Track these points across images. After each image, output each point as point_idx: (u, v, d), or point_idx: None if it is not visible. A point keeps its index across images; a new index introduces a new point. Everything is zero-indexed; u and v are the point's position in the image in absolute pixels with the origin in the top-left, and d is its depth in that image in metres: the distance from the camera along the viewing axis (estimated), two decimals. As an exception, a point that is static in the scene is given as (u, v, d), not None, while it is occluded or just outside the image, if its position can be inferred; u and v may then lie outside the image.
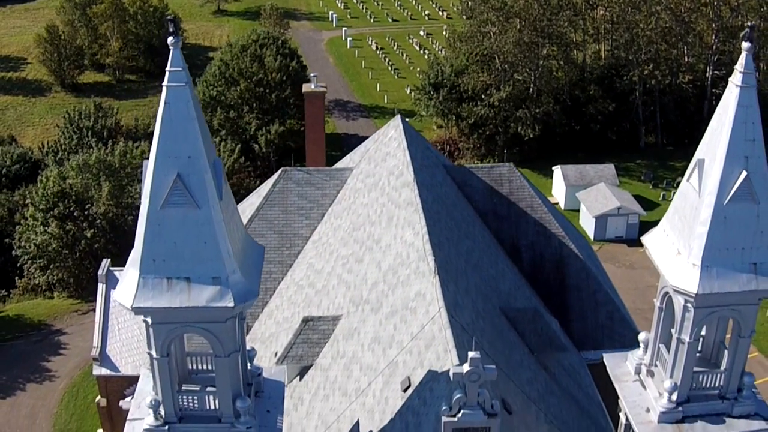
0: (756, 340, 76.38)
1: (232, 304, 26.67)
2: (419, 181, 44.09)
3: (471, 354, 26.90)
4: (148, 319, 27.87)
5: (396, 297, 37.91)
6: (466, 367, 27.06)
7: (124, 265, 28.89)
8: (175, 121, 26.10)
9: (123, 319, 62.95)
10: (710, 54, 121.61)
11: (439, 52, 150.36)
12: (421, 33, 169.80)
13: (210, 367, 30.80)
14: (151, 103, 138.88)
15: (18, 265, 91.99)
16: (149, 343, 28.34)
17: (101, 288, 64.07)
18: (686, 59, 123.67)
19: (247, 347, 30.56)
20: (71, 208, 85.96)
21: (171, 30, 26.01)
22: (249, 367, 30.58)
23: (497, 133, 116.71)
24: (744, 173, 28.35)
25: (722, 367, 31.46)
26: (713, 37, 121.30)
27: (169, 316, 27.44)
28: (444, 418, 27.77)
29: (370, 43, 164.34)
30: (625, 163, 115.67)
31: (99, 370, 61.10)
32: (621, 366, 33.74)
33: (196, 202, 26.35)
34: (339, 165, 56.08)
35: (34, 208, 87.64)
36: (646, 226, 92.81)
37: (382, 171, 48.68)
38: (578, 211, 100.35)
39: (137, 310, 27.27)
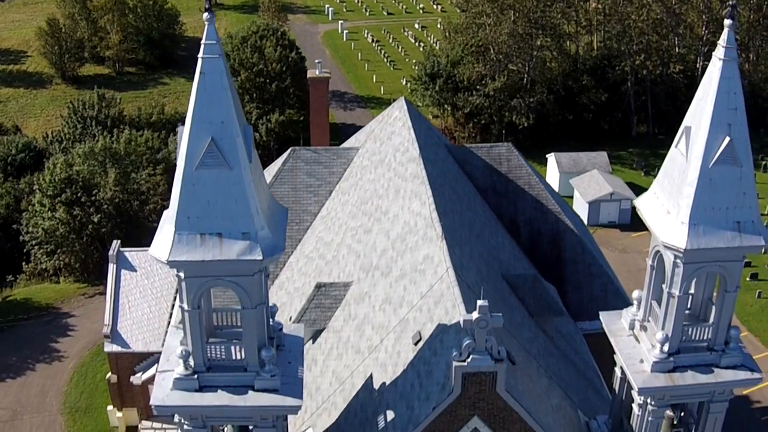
0: (746, 320, 78.94)
1: (260, 257, 29.08)
2: (424, 157, 46.50)
3: (480, 302, 29.32)
4: (181, 274, 30.08)
5: (405, 261, 40.30)
6: (475, 315, 29.45)
7: (130, 249, 30.82)
8: (210, 90, 28.45)
9: (133, 298, 65.18)
10: (700, 45, 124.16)
11: (434, 45, 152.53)
12: (416, 26, 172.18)
13: (234, 323, 33.22)
14: (151, 95, 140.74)
15: (24, 251, 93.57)
16: (181, 296, 30.59)
17: (112, 268, 66.31)
18: (677, 50, 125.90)
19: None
20: (78, 194, 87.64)
21: (206, 7, 28.22)
22: (271, 323, 32.90)
23: (492, 122, 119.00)
24: (727, 139, 30.87)
25: (710, 321, 33.94)
26: (703, 29, 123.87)
27: (201, 269, 29.74)
28: (455, 363, 30.09)
29: (365, 35, 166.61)
30: (617, 151, 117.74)
31: (110, 347, 63.43)
32: (616, 322, 36.22)
33: (228, 163, 28.77)
34: (345, 145, 58.48)
35: (41, 194, 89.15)
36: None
37: (387, 149, 51.07)
38: (572, 197, 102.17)
39: (172, 264, 29.48)
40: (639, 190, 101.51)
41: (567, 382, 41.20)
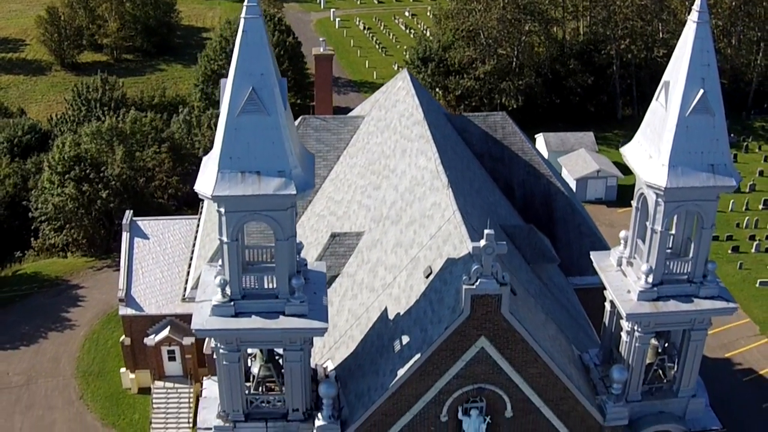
0: (728, 290, 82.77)
1: (294, 192, 33.15)
2: (428, 120, 50.37)
3: (486, 231, 33.35)
4: (222, 209, 34.09)
5: (414, 210, 44.21)
6: (482, 242, 33.50)
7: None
8: (251, 46, 32.56)
9: (146, 264, 68.69)
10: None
11: (425, 32, 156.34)
12: (407, 14, 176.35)
13: (264, 259, 37.17)
14: (149, 81, 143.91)
15: (32, 227, 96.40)
16: (221, 231, 34.57)
17: (125, 236, 69.83)
18: (661, 35, 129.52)
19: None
20: (87, 171, 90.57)
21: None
22: (297, 258, 36.82)
23: (482, 104, 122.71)
24: (701, 91, 35.26)
25: (689, 256, 38.09)
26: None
27: (241, 204, 33.77)
28: (464, 287, 34.09)
29: (357, 23, 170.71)
30: (603, 133, 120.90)
31: (124, 311, 66.80)
32: (606, 260, 40.43)
33: (267, 110, 32.85)
34: (352, 114, 62.28)
35: (50, 171, 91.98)
36: (624, 188, 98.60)
37: (392, 115, 54.97)
38: (560, 175, 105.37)
39: (216, 198, 33.49)
40: (625, 168, 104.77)
41: (561, 322, 45.10)
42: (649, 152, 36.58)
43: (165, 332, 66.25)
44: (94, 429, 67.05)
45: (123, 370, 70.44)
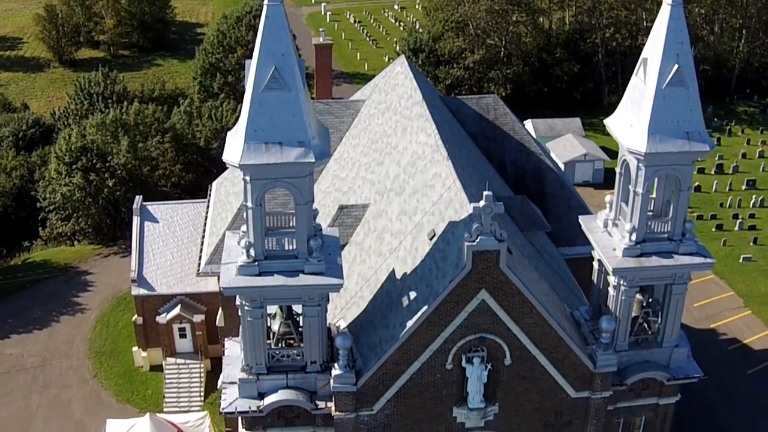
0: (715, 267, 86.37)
1: (313, 160, 37.03)
2: (427, 101, 54.07)
3: (485, 192, 37.14)
4: (247, 177, 37.90)
5: (416, 181, 47.96)
6: (482, 203, 37.29)
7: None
8: (273, 29, 36.32)
9: (156, 247, 71.80)
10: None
11: (414, 24, 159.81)
12: (396, 7, 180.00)
13: (282, 225, 40.87)
14: (146, 75, 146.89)
15: (39, 218, 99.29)
16: (246, 197, 38.42)
17: (136, 219, 72.93)
18: (645, 23, 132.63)
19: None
20: (93, 161, 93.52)
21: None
22: (314, 224, 40.53)
23: (472, 93, 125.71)
24: (676, 66, 39.21)
25: (669, 216, 41.94)
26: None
27: (264, 172, 37.59)
28: (466, 244, 37.86)
29: (347, 17, 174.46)
30: (589, 119, 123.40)
31: (137, 291, 69.75)
32: (593, 223, 44.27)
33: (288, 86, 36.74)
34: (353, 98, 65.84)
35: (58, 161, 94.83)
36: (611, 171, 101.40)
37: (392, 98, 58.64)
38: (549, 154, 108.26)
39: (242, 167, 37.31)
40: (611, 153, 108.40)
41: (553, 283, 48.81)
42: (630, 122, 40.44)
43: (176, 310, 69.05)
44: (109, 405, 69.55)
45: (135, 348, 73.04)
